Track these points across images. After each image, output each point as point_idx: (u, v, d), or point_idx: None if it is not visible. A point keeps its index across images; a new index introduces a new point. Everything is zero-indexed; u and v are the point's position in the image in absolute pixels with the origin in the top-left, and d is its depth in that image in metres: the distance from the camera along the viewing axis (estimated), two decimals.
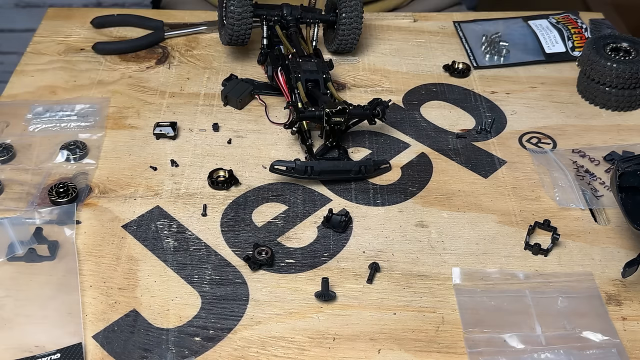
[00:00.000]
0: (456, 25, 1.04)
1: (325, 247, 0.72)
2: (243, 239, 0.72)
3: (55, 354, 0.60)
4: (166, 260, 0.70)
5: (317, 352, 0.62)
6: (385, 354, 0.62)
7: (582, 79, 0.92)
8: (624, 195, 0.67)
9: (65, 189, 0.75)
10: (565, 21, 1.02)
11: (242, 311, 0.65)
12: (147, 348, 0.62)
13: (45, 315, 0.64)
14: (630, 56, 0.89)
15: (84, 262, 0.69)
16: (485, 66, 0.97)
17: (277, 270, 0.69)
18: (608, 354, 0.62)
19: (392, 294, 0.67)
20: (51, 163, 0.79)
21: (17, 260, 0.69)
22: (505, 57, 0.98)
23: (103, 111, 0.87)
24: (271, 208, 0.76)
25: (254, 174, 0.80)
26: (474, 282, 0.68)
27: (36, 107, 0.87)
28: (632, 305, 0.66)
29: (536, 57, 0.98)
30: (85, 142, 0.81)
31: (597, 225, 0.74)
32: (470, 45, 1.00)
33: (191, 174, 0.80)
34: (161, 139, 0.84)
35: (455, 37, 1.03)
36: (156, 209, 0.75)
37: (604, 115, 0.89)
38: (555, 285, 0.67)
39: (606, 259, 0.70)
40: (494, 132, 0.86)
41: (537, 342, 0.63)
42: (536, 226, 0.73)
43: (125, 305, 0.66)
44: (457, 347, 0.63)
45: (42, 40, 1.00)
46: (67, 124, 0.85)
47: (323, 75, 0.85)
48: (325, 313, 0.65)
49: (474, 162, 0.81)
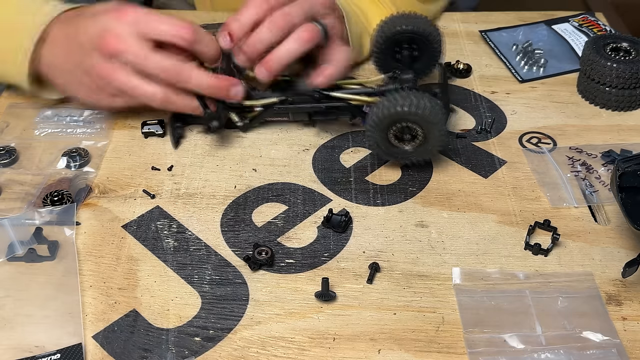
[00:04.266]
0: (484, 35, 1.02)
1: (325, 247, 0.72)
2: (243, 239, 0.72)
3: (55, 354, 0.60)
4: (166, 260, 0.70)
5: (317, 352, 0.62)
6: (385, 354, 0.62)
7: (582, 79, 0.92)
8: (624, 195, 0.67)
9: (60, 197, 0.75)
10: (587, 23, 1.02)
11: (242, 311, 0.65)
12: (147, 348, 0.62)
13: (45, 315, 0.64)
14: (630, 56, 0.89)
15: (84, 262, 0.69)
16: (531, 79, 0.94)
17: (277, 270, 0.69)
18: (608, 354, 0.62)
19: (392, 294, 0.67)
20: (52, 169, 0.79)
21: (17, 260, 0.69)
22: (545, 68, 0.96)
23: (110, 118, 0.86)
24: (271, 208, 0.76)
25: (254, 174, 0.80)
26: (474, 282, 0.68)
27: (45, 111, 0.87)
28: (632, 305, 0.66)
29: (574, 64, 0.96)
30: (87, 150, 0.81)
31: (597, 225, 0.74)
32: (506, 57, 0.98)
33: (191, 174, 0.80)
34: (152, 137, 0.84)
35: (455, 37, 1.03)
36: (156, 209, 0.75)
37: (604, 115, 0.89)
38: (555, 285, 0.67)
39: (606, 259, 0.70)
40: (494, 132, 0.86)
41: (537, 342, 0.63)
42: (536, 226, 0.73)
43: (125, 305, 0.66)
44: (457, 347, 0.63)
45: None
46: (72, 129, 0.85)
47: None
48: (325, 313, 0.65)
49: (474, 162, 0.81)
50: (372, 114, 0.75)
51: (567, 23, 1.04)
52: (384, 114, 0.73)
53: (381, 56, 0.86)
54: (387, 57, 0.86)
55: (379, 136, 0.76)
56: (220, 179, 0.79)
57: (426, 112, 0.72)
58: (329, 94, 0.81)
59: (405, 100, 0.73)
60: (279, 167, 0.81)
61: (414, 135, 0.75)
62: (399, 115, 0.73)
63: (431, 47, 0.84)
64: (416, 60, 0.86)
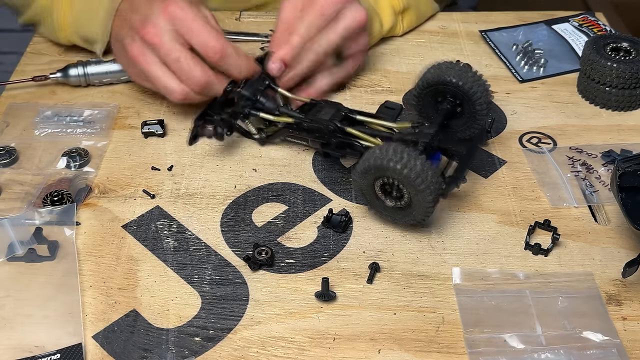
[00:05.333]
0: (484, 35, 1.02)
1: (325, 247, 0.72)
2: (243, 239, 0.72)
3: (55, 354, 0.60)
4: (166, 260, 0.70)
5: (317, 352, 0.62)
6: (385, 354, 0.62)
7: (582, 79, 0.92)
8: (624, 195, 0.67)
9: (60, 197, 0.75)
10: (587, 23, 1.02)
11: (242, 311, 0.65)
12: (147, 348, 0.62)
13: (45, 315, 0.64)
14: (631, 56, 0.89)
15: (84, 262, 0.69)
16: (531, 79, 0.94)
17: (277, 270, 0.69)
18: (608, 354, 0.62)
19: (392, 294, 0.67)
20: (52, 169, 0.79)
21: (17, 260, 0.69)
22: (545, 68, 0.96)
23: (110, 118, 0.86)
24: (271, 208, 0.76)
25: (254, 174, 0.80)
26: (474, 282, 0.68)
27: (45, 111, 0.87)
28: (633, 305, 0.66)
29: (574, 64, 0.96)
30: (87, 150, 0.81)
31: (597, 225, 0.74)
32: (506, 57, 0.97)
33: (191, 174, 0.80)
34: (152, 137, 0.84)
35: (455, 37, 1.03)
36: (156, 209, 0.75)
37: (604, 115, 0.89)
38: (555, 285, 0.67)
39: (606, 259, 0.70)
40: (494, 132, 0.86)
41: (537, 342, 0.63)
42: (536, 226, 0.73)
43: (125, 305, 0.66)
44: (457, 347, 0.63)
45: (42, 40, 1.00)
46: (72, 129, 0.84)
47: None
48: (325, 313, 0.65)
49: (474, 162, 0.81)
50: (362, 159, 0.69)
51: (567, 23, 1.04)
52: (370, 164, 0.68)
53: (421, 101, 0.79)
54: (427, 104, 0.79)
55: (364, 184, 0.70)
56: (220, 179, 0.79)
57: (411, 175, 0.66)
58: (345, 129, 0.76)
59: (396, 155, 0.66)
60: (279, 167, 0.81)
61: (400, 196, 0.69)
62: (383, 168, 0.67)
63: (474, 107, 0.76)
64: (456, 116, 0.78)
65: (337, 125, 0.76)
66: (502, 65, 0.97)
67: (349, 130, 0.76)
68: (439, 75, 0.76)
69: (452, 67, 0.76)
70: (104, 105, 0.88)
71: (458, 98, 0.77)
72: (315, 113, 0.78)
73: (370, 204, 0.73)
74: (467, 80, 0.75)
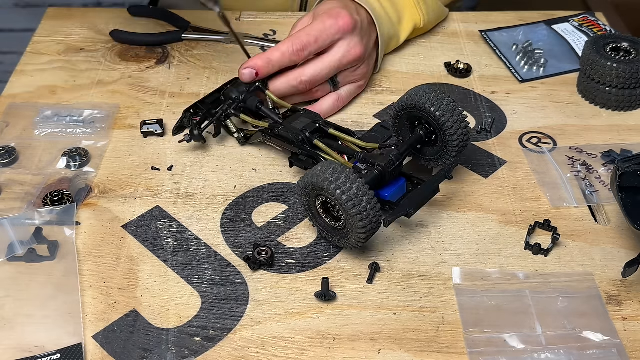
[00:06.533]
0: (484, 35, 1.02)
1: (325, 247, 0.71)
2: (243, 239, 0.72)
3: (55, 354, 0.60)
4: (166, 260, 0.70)
5: (317, 352, 0.62)
6: (385, 354, 0.62)
7: (582, 79, 0.92)
8: (624, 195, 0.67)
9: (60, 197, 0.75)
10: (587, 23, 1.02)
11: (242, 311, 0.65)
12: (147, 348, 0.62)
13: (45, 315, 0.64)
14: (631, 56, 0.89)
15: (84, 262, 0.69)
16: (531, 79, 0.94)
17: (277, 270, 0.69)
18: (608, 354, 0.62)
19: (392, 294, 0.67)
20: (52, 169, 0.79)
21: (17, 260, 0.69)
22: (545, 68, 0.96)
23: (110, 118, 0.86)
24: (271, 208, 0.76)
25: (254, 174, 0.80)
26: (474, 282, 0.68)
27: (45, 111, 0.87)
28: (633, 305, 0.66)
29: (574, 64, 0.96)
30: (87, 150, 0.81)
31: (597, 225, 0.74)
32: (506, 57, 0.97)
33: (191, 174, 0.80)
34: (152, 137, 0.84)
35: (455, 37, 1.03)
36: (156, 209, 0.75)
37: (604, 115, 0.89)
38: (555, 285, 0.67)
39: (606, 259, 0.70)
40: (494, 132, 0.86)
41: (537, 342, 0.63)
42: (536, 226, 0.73)
43: (125, 305, 0.66)
44: (457, 347, 0.63)
45: (42, 40, 1.00)
46: (73, 129, 0.84)
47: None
48: (325, 313, 0.65)
49: (474, 162, 0.81)
50: (304, 174, 0.68)
51: (567, 23, 1.04)
52: (308, 180, 0.66)
53: (397, 123, 0.76)
54: (404, 127, 0.76)
55: (306, 199, 0.69)
56: (220, 179, 0.79)
57: (343, 198, 0.63)
58: (312, 141, 0.76)
59: (333, 175, 0.64)
60: (279, 167, 0.81)
61: (338, 217, 0.68)
62: (319, 187, 0.65)
63: (445, 137, 0.73)
64: (429, 144, 0.75)
65: (305, 136, 0.76)
66: (502, 65, 0.97)
67: (315, 143, 0.76)
68: (413, 100, 0.73)
69: (429, 92, 0.73)
70: (104, 105, 0.88)
71: (432, 125, 0.74)
72: (291, 121, 0.79)
73: (314, 220, 0.70)
74: (439, 108, 0.72)
